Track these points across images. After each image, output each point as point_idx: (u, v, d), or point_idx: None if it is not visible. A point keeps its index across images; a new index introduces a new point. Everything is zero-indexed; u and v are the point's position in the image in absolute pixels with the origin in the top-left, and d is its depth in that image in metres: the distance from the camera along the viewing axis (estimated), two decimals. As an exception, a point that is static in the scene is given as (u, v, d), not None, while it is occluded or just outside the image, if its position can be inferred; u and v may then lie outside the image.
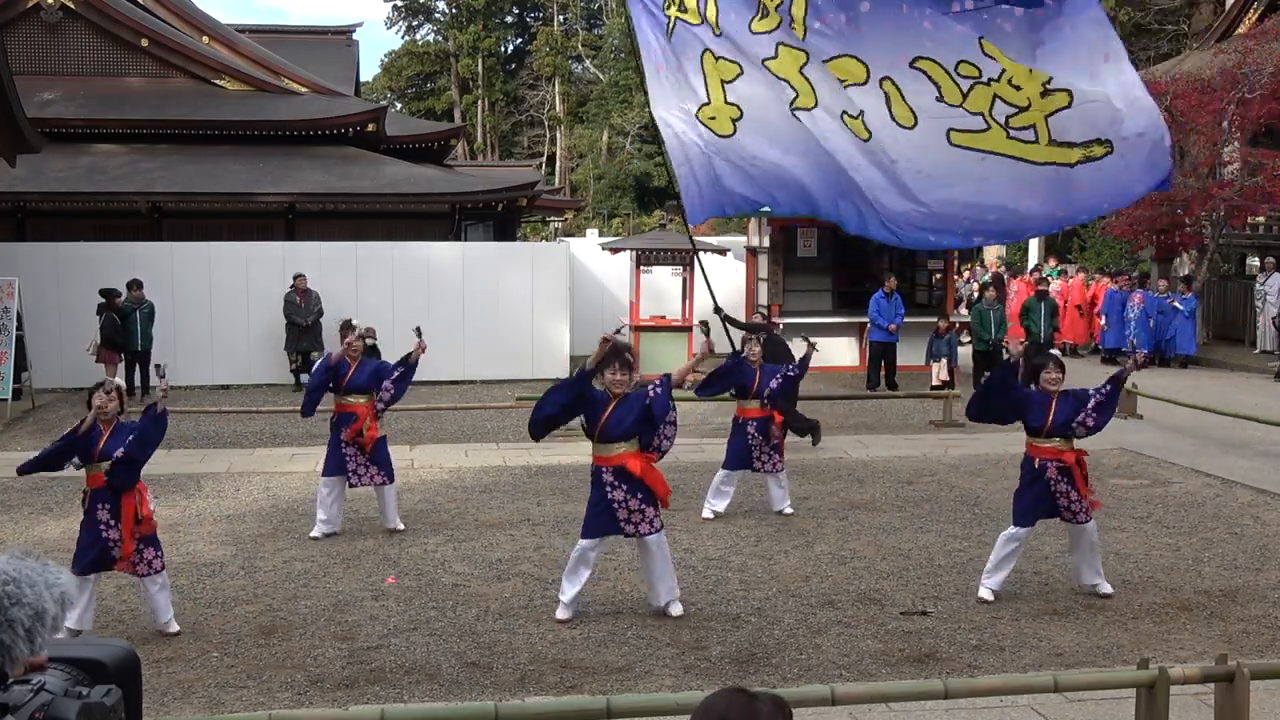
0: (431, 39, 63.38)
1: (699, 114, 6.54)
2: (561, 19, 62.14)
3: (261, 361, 18.06)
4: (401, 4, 62.98)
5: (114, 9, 25.01)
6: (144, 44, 25.28)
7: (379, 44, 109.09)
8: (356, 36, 33.49)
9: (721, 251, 20.12)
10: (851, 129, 6.19)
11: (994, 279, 21.65)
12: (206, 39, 26.28)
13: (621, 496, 7.28)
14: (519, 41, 64.91)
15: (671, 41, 6.53)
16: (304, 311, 17.41)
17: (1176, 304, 20.85)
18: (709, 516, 9.97)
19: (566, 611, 7.41)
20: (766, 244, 20.05)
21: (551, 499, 10.69)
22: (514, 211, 27.19)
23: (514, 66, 64.02)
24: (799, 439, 12.88)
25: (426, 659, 6.77)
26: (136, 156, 23.66)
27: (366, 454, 9.39)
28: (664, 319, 18.89)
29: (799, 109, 6.33)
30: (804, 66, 6.22)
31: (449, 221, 24.36)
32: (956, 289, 22.63)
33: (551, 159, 59.14)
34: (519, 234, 35.17)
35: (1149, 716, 5.26)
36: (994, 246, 36.68)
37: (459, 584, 8.19)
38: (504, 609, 7.65)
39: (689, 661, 6.73)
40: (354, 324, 9.68)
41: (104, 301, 16.46)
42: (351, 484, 9.50)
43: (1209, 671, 5.35)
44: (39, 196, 22.42)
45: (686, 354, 17.28)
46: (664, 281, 19.91)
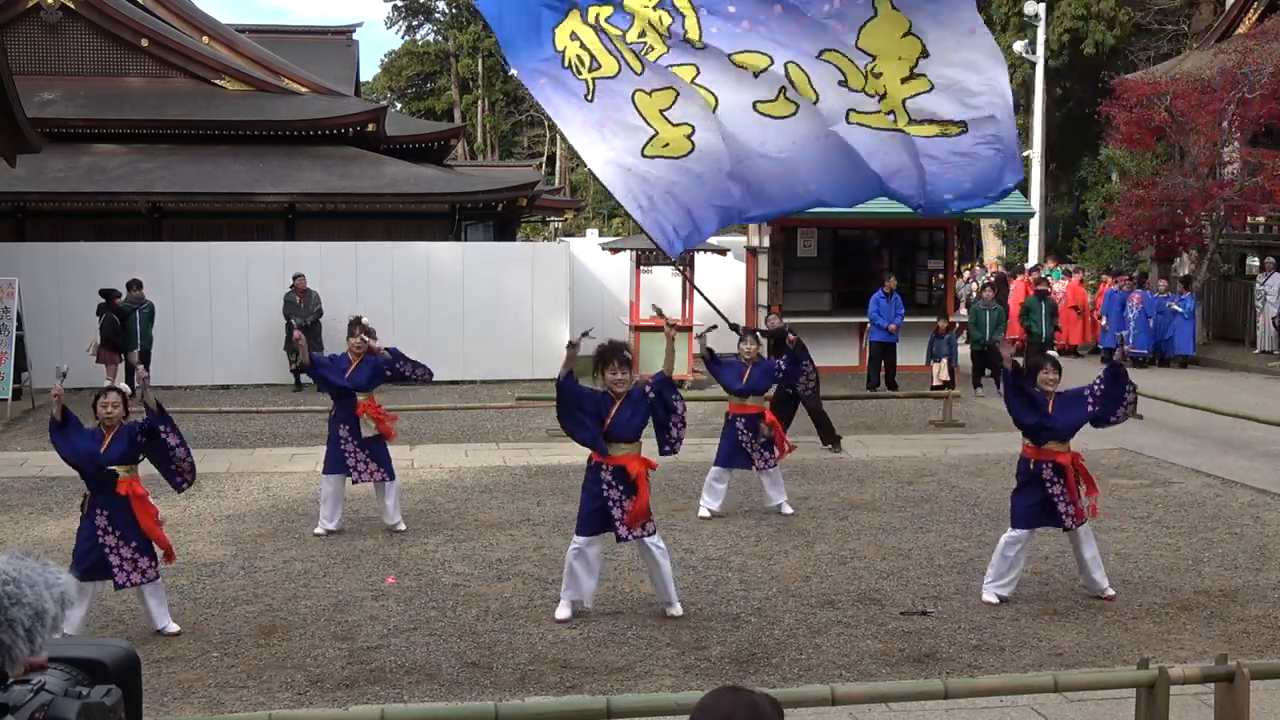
0: (431, 39, 63.39)
1: (646, 150, 6.51)
2: (561, 19, 62.06)
3: (261, 361, 18.06)
4: (401, 4, 63.00)
5: (114, 9, 25.01)
6: (144, 44, 25.27)
7: (379, 44, 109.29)
8: (356, 36, 33.50)
9: (721, 251, 20.10)
10: (767, 112, 6.27)
11: (996, 279, 21.68)
12: (206, 39, 26.27)
13: (617, 496, 7.29)
14: (519, 41, 64.80)
15: (595, 100, 6.50)
16: (304, 311, 17.41)
17: (1174, 305, 20.86)
18: (705, 515, 9.99)
19: (566, 610, 7.40)
20: (766, 244, 20.07)
21: (551, 499, 10.70)
22: (514, 211, 27.19)
23: (514, 67, 63.97)
24: (805, 438, 12.96)
25: (426, 659, 6.78)
26: (136, 156, 23.66)
27: (375, 446, 9.48)
28: (664, 319, 18.84)
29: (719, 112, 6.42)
30: (696, 77, 6.31)
31: (449, 221, 24.36)
32: (956, 289, 22.63)
33: (551, 159, 59.14)
34: (519, 234, 35.16)
35: (1149, 716, 5.26)
36: (994, 247, 36.70)
37: (459, 584, 8.19)
38: (504, 609, 7.65)
39: (689, 661, 6.74)
40: (364, 322, 9.72)
41: (104, 302, 16.45)
42: (353, 480, 9.52)
43: (1209, 671, 5.35)
44: (39, 196, 22.42)
45: (687, 354, 17.28)
46: (664, 281, 19.90)
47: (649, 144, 6.44)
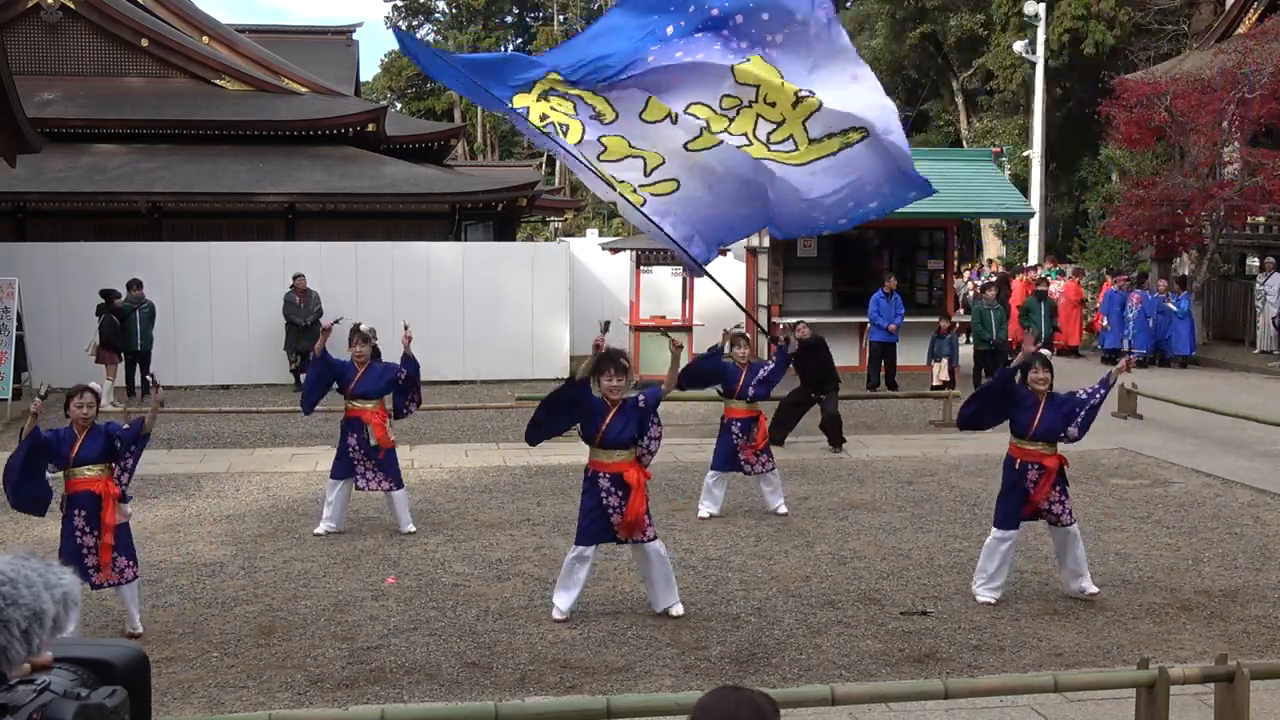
0: (432, 39, 63.34)
1: (641, 187, 6.71)
2: (561, 19, 62.14)
3: (261, 361, 18.07)
4: (401, 4, 62.99)
5: (114, 9, 25.01)
6: (144, 44, 25.28)
7: (379, 44, 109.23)
8: (356, 36, 33.50)
9: (722, 251, 20.11)
10: (699, 148, 6.55)
11: (998, 279, 21.68)
12: (206, 39, 26.28)
13: (616, 503, 7.29)
14: (519, 41, 64.84)
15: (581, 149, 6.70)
16: (304, 311, 17.41)
17: (1171, 305, 20.86)
18: (705, 516, 10.00)
19: (562, 611, 7.41)
20: (766, 244, 20.07)
21: (551, 499, 10.70)
22: (514, 211, 27.19)
23: (514, 66, 63.95)
24: (805, 438, 12.99)
25: (426, 659, 6.78)
26: (136, 156, 23.66)
27: (379, 458, 9.42)
28: (664, 319, 18.88)
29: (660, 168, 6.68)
30: (632, 144, 6.55)
31: (449, 221, 24.36)
32: (955, 289, 22.63)
33: (551, 159, 59.11)
34: (519, 234, 35.17)
35: (1149, 716, 5.27)
36: (994, 247, 36.72)
37: (459, 584, 8.20)
38: (504, 609, 7.65)
39: (689, 661, 6.74)
40: (363, 330, 9.66)
41: (103, 302, 16.45)
42: (359, 487, 9.52)
43: (1209, 671, 5.36)
44: (39, 196, 22.42)
45: (688, 354, 17.27)
46: (664, 282, 19.91)
47: (639, 189, 6.68)
